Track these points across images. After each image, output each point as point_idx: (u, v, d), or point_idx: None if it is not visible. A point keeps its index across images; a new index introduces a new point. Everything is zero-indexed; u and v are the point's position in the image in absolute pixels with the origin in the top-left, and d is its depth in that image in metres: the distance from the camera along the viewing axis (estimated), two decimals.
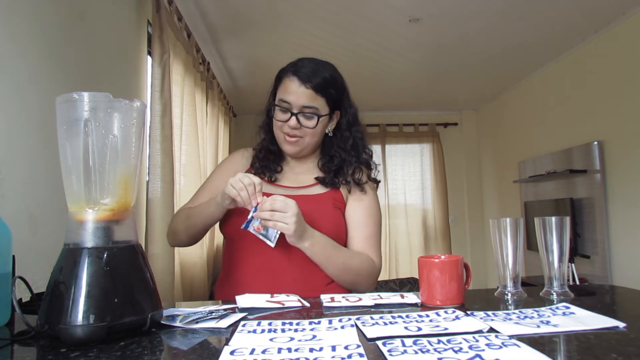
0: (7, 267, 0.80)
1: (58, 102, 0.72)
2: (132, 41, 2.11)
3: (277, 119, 1.19)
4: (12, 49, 1.20)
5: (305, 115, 1.16)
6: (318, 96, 1.16)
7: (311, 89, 1.15)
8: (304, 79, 1.15)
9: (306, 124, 1.17)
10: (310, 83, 1.15)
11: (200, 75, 3.06)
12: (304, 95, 1.15)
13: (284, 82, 1.18)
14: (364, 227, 1.22)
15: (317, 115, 1.17)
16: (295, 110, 1.16)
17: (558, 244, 0.92)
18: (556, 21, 3.09)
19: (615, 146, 3.16)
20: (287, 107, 1.16)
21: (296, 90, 1.15)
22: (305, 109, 1.16)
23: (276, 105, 1.18)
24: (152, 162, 2.06)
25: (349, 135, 1.25)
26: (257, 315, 0.84)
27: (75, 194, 0.72)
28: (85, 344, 0.65)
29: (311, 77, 1.15)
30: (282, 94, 1.18)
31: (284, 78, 1.19)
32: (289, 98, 1.16)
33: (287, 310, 0.88)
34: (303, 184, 1.24)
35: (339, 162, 1.24)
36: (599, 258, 3.25)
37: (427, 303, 0.89)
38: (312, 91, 1.15)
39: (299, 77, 1.15)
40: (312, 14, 2.93)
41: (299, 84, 1.15)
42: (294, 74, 1.16)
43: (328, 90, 1.18)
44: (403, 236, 5.38)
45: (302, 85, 1.15)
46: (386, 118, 5.43)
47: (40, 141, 1.28)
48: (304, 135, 1.18)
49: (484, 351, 0.58)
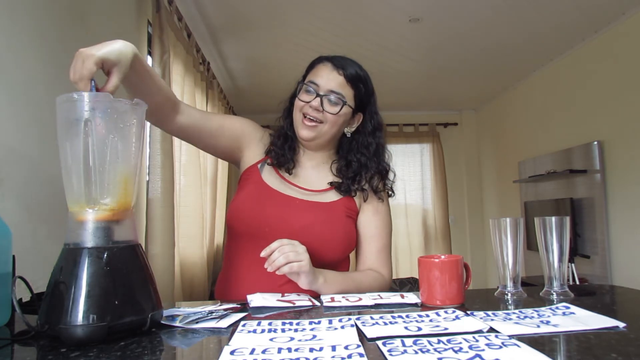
0: (7, 267, 0.80)
1: (58, 102, 0.72)
2: (132, 41, 2.08)
3: (300, 98, 1.14)
4: (12, 49, 1.20)
5: (329, 99, 1.13)
6: (348, 85, 1.14)
7: (342, 76, 1.14)
8: (337, 65, 1.14)
9: (329, 109, 1.13)
10: (344, 70, 1.14)
11: (200, 75, 3.06)
12: (334, 80, 1.13)
13: (317, 67, 1.17)
14: (377, 239, 1.19)
15: (342, 102, 1.13)
16: (322, 92, 1.13)
17: (558, 244, 0.92)
18: (556, 21, 3.09)
19: (615, 146, 3.16)
20: (314, 89, 1.13)
21: (328, 74, 1.14)
22: (332, 93, 1.13)
23: (304, 84, 1.15)
24: (152, 162, 2.06)
25: (372, 141, 1.22)
26: (267, 315, 0.84)
27: (75, 194, 0.72)
28: (86, 344, 0.65)
29: (345, 66, 1.14)
30: (312, 76, 1.16)
31: (318, 64, 1.17)
32: (318, 80, 1.13)
33: (287, 311, 0.88)
34: (317, 188, 1.19)
35: (357, 168, 1.20)
36: (599, 258, 3.24)
37: (427, 303, 0.89)
38: (343, 78, 1.14)
39: (333, 63, 1.14)
40: (312, 14, 2.93)
41: (331, 69, 1.14)
42: (328, 60, 1.16)
43: (358, 84, 1.16)
44: (403, 236, 5.38)
45: (335, 71, 1.14)
46: (386, 118, 5.28)
47: (40, 141, 1.28)
48: (324, 120, 1.14)
49: (484, 351, 0.58)
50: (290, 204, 1.13)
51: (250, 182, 1.17)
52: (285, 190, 1.15)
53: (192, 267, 2.76)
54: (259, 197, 1.13)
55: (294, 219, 1.10)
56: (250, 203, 1.12)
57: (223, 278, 1.19)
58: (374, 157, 1.21)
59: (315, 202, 1.15)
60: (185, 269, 2.62)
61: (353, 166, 1.20)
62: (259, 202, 1.12)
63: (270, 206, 1.11)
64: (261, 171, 1.18)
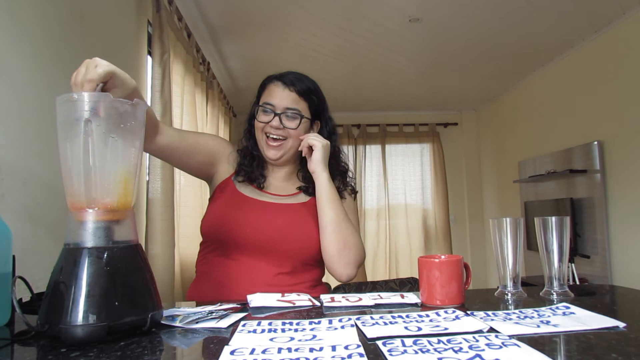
0: (7, 267, 0.80)
1: (58, 102, 0.72)
2: (132, 41, 2.11)
3: (259, 120, 1.22)
4: (12, 49, 1.20)
5: (287, 116, 1.20)
6: (301, 100, 1.22)
7: (295, 92, 1.21)
8: (288, 83, 1.21)
9: (288, 125, 1.20)
10: (295, 87, 1.21)
11: (200, 75, 3.06)
12: (287, 98, 1.21)
13: (268, 88, 1.24)
14: None
15: (300, 116, 1.21)
16: (279, 111, 1.20)
17: (558, 244, 0.92)
18: (556, 21, 3.09)
19: (615, 146, 3.16)
20: (271, 109, 1.20)
21: (280, 93, 1.21)
22: (288, 110, 1.20)
23: (260, 106, 1.22)
24: (152, 162, 2.06)
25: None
26: (267, 315, 0.84)
27: (75, 194, 0.72)
28: (86, 344, 0.65)
29: (295, 82, 1.22)
30: (266, 97, 1.23)
31: (268, 84, 1.25)
32: (273, 100, 1.21)
33: (288, 311, 0.88)
34: (288, 193, 1.27)
35: None
36: (599, 258, 3.25)
37: (427, 303, 0.89)
38: (295, 94, 1.21)
39: (282, 82, 1.22)
40: (312, 13, 2.93)
41: (283, 87, 1.21)
42: (277, 79, 1.23)
43: (310, 96, 1.24)
44: (403, 236, 5.38)
45: (287, 89, 1.21)
46: (386, 118, 5.43)
47: (40, 141, 1.28)
48: (286, 136, 1.21)
49: (484, 351, 0.58)
50: (266, 208, 1.21)
51: (226, 192, 1.24)
52: (260, 197, 1.24)
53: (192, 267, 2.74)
54: (237, 204, 1.20)
55: (272, 220, 1.18)
56: (229, 209, 1.19)
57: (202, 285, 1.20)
58: (332, 160, 1.28)
59: (288, 204, 1.23)
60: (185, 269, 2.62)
61: None
62: (238, 207, 1.19)
63: (248, 211, 1.19)
64: (235, 183, 1.25)
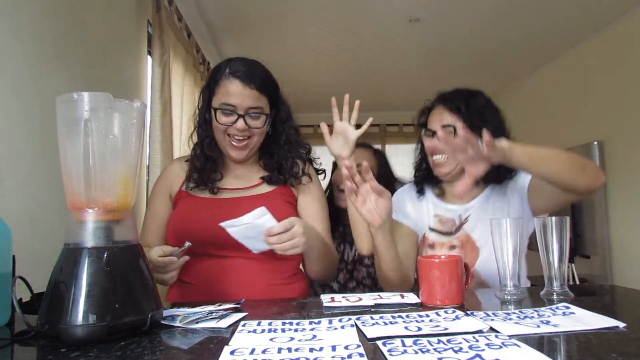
0: (7, 267, 0.80)
1: (58, 102, 0.72)
2: (132, 41, 2.11)
3: (220, 122, 1.14)
4: (13, 49, 1.20)
5: (251, 116, 1.14)
6: (262, 96, 1.15)
7: (255, 89, 1.13)
8: (245, 80, 1.13)
9: (254, 125, 1.15)
10: (254, 84, 1.13)
11: (200, 75, 3.06)
12: (249, 97, 1.13)
13: (224, 85, 1.14)
14: (319, 221, 1.23)
15: (263, 114, 1.16)
16: (242, 112, 1.13)
17: (558, 244, 0.92)
18: (556, 21, 3.09)
19: (615, 146, 3.16)
20: (232, 110, 1.13)
21: (241, 92, 1.12)
22: (251, 110, 1.14)
23: (218, 109, 1.14)
24: (152, 162, 2.06)
25: (282, 131, 1.24)
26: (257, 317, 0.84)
27: (75, 194, 0.72)
28: (86, 344, 0.65)
29: (252, 77, 1.14)
30: (223, 97, 1.14)
31: (222, 80, 1.15)
32: (232, 101, 1.13)
33: (288, 311, 0.88)
34: (248, 185, 1.22)
35: (279, 158, 1.23)
36: (599, 258, 3.24)
37: (427, 303, 0.89)
38: (256, 92, 1.14)
39: (240, 79, 1.13)
40: (312, 13, 2.93)
41: (242, 86, 1.12)
42: (233, 75, 1.13)
43: (269, 89, 1.18)
44: None
45: (247, 87, 1.13)
46: (386, 118, 5.42)
47: (40, 141, 1.28)
48: (251, 135, 1.16)
49: (484, 351, 0.58)
50: (226, 204, 1.17)
51: (181, 200, 1.21)
52: (219, 195, 1.19)
53: None
54: (195, 206, 1.17)
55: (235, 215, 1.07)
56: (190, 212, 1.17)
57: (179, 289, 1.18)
58: (286, 146, 1.24)
59: (250, 196, 1.19)
60: None
61: (275, 157, 1.24)
62: (196, 209, 1.16)
63: (208, 211, 1.15)
64: (188, 190, 1.21)
